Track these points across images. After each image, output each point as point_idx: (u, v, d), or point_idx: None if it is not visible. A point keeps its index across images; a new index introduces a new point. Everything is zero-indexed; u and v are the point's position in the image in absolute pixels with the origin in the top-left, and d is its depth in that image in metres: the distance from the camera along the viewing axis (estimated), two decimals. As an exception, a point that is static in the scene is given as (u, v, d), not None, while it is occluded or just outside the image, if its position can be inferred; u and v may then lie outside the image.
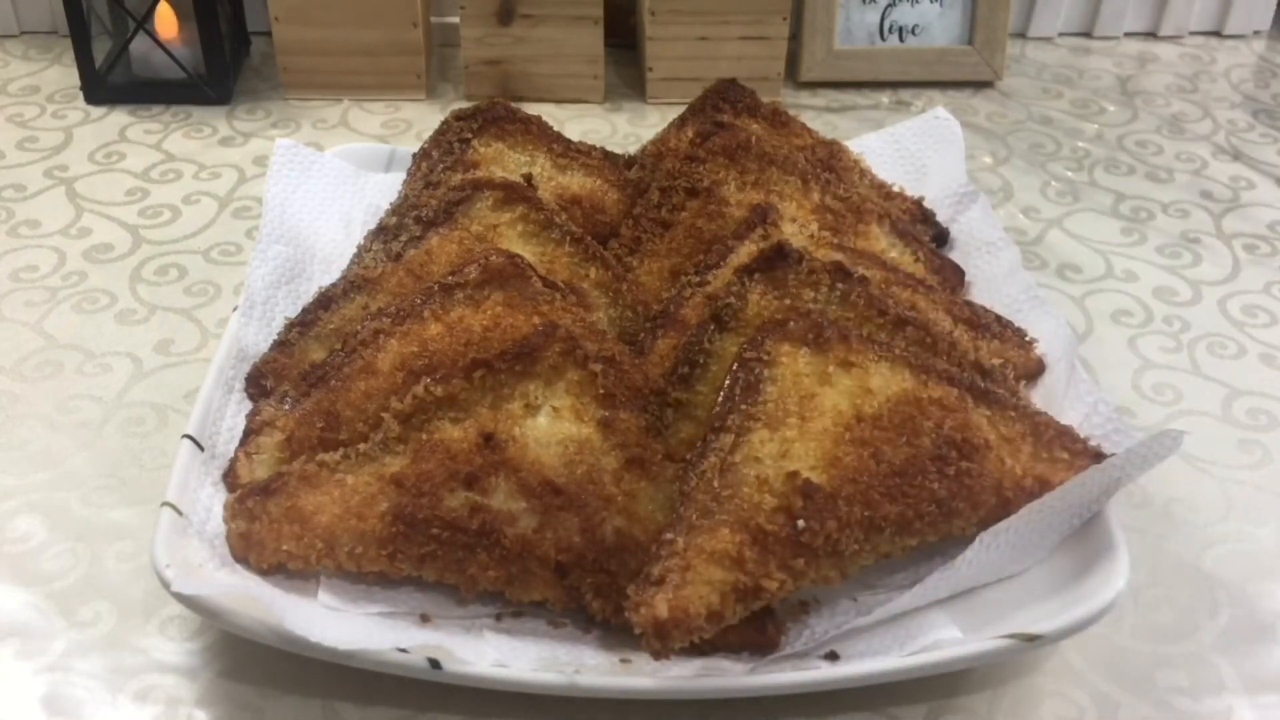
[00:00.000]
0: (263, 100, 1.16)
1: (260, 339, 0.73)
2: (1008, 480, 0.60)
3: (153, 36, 1.10)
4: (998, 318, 0.75)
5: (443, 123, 0.84)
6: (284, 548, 0.59)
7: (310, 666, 0.58)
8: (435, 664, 0.55)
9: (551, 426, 0.61)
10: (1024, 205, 1.02)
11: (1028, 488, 0.61)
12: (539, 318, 0.66)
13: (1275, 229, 1.00)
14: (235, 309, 0.74)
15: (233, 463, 0.65)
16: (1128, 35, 1.34)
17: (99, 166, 1.04)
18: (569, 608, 0.60)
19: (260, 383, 0.70)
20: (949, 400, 0.61)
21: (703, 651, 0.57)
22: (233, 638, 0.60)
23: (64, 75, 1.18)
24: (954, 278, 0.81)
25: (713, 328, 0.65)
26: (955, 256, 0.83)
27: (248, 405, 0.70)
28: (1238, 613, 0.65)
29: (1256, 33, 1.35)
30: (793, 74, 1.21)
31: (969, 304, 0.76)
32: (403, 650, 0.55)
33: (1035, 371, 0.73)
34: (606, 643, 0.59)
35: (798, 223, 0.74)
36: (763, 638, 0.57)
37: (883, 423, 0.59)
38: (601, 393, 0.62)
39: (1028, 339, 0.74)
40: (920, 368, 0.62)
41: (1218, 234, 0.99)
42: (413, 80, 1.16)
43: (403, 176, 0.87)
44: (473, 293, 0.67)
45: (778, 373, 0.60)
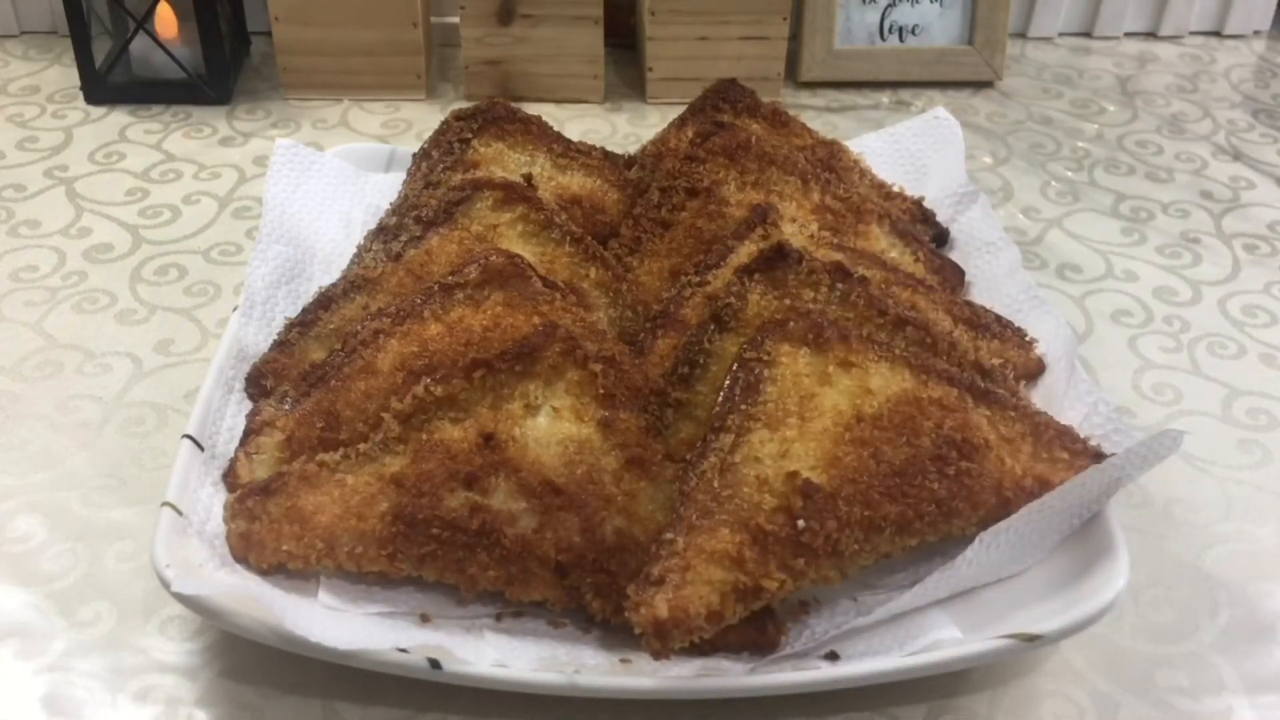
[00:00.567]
0: (263, 100, 1.16)
1: (260, 339, 0.73)
2: (1008, 480, 0.60)
3: (153, 36, 1.10)
4: (998, 318, 0.75)
5: (443, 123, 0.84)
6: (284, 548, 0.59)
7: (310, 666, 0.58)
8: (435, 664, 0.55)
9: (551, 426, 0.61)
10: (1024, 205, 1.02)
11: (1028, 488, 0.61)
12: (539, 318, 0.66)
13: (1275, 229, 1.00)
14: (235, 309, 0.74)
15: (233, 463, 0.65)
16: (1128, 35, 1.34)
17: (99, 166, 1.04)
18: (569, 608, 0.60)
19: (260, 383, 0.70)
20: (949, 400, 0.61)
21: (703, 651, 0.57)
22: (233, 638, 0.60)
23: (64, 75, 1.18)
24: (954, 278, 0.81)
25: (713, 328, 0.65)
26: (955, 256, 0.83)
27: (248, 405, 0.70)
28: (1238, 613, 0.65)
29: (1256, 33, 1.35)
30: (793, 74, 1.21)
31: (969, 304, 0.76)
32: (403, 650, 0.55)
33: (1035, 371, 0.73)
34: (606, 643, 0.59)
35: (798, 223, 0.74)
36: (763, 638, 0.57)
37: (883, 423, 0.59)
38: (601, 393, 0.62)
39: (1028, 339, 0.74)
40: (920, 368, 0.62)
41: (1218, 234, 0.99)
42: (413, 80, 1.16)
43: (403, 176, 0.87)
44: (473, 293, 0.67)
45: (778, 373, 0.60)
